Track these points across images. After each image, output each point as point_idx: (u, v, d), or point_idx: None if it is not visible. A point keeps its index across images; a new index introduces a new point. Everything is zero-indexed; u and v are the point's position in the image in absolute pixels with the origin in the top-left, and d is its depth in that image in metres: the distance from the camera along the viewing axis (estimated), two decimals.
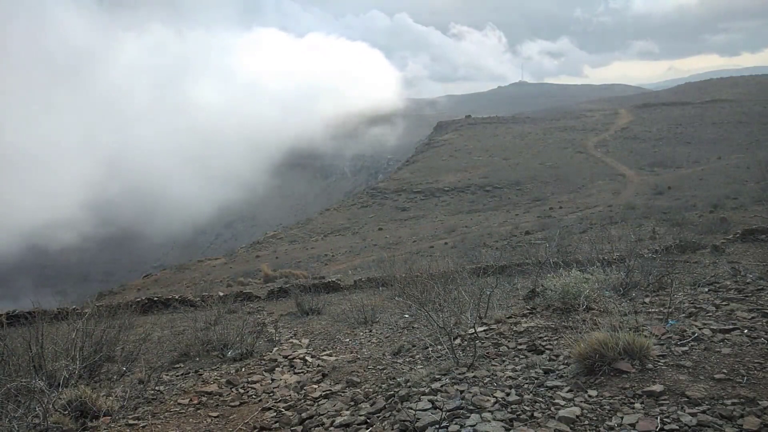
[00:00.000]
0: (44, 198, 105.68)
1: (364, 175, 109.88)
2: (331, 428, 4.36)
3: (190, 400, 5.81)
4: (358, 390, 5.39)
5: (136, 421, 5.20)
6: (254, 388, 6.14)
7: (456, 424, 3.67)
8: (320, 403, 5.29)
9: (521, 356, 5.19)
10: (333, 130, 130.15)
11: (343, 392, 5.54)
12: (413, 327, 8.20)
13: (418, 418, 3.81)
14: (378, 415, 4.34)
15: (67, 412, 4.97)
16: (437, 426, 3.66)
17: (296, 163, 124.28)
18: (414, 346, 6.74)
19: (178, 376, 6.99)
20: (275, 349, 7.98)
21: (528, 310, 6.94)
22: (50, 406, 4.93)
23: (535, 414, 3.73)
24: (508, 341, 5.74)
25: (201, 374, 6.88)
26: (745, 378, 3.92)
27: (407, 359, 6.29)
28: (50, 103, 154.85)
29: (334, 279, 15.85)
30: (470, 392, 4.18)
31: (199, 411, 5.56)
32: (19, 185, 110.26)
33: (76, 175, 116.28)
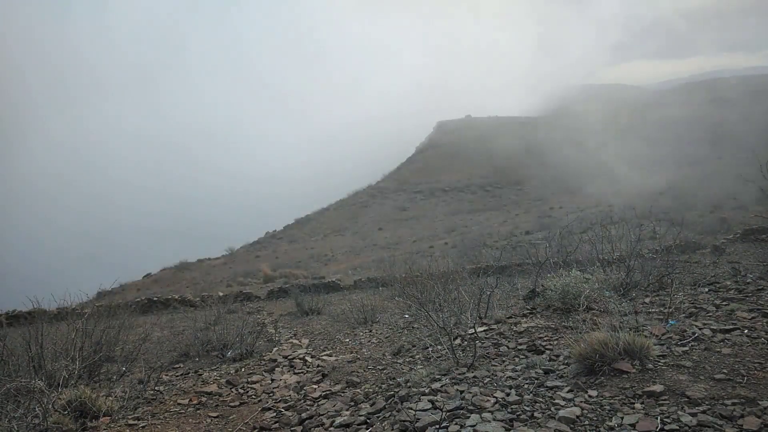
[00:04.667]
0: None
1: None
2: (331, 428, 4.36)
3: (190, 400, 5.81)
4: (358, 390, 5.39)
5: (135, 422, 5.20)
6: (254, 389, 6.13)
7: (456, 424, 3.66)
8: (320, 403, 5.29)
9: (521, 356, 5.18)
10: None
11: (343, 392, 5.53)
12: (413, 327, 8.19)
13: (418, 419, 3.81)
14: (378, 415, 4.33)
15: (66, 412, 4.96)
16: (437, 426, 3.66)
17: None
18: (414, 346, 6.74)
19: (177, 376, 6.98)
20: (275, 349, 7.98)
21: (528, 310, 6.94)
22: (50, 406, 4.93)
23: (535, 414, 3.72)
24: (508, 341, 5.73)
25: (201, 374, 6.88)
26: (746, 378, 3.91)
27: (407, 359, 6.29)
28: None
29: (334, 279, 15.86)
30: (470, 392, 4.18)
31: (198, 411, 5.56)
32: None
33: None
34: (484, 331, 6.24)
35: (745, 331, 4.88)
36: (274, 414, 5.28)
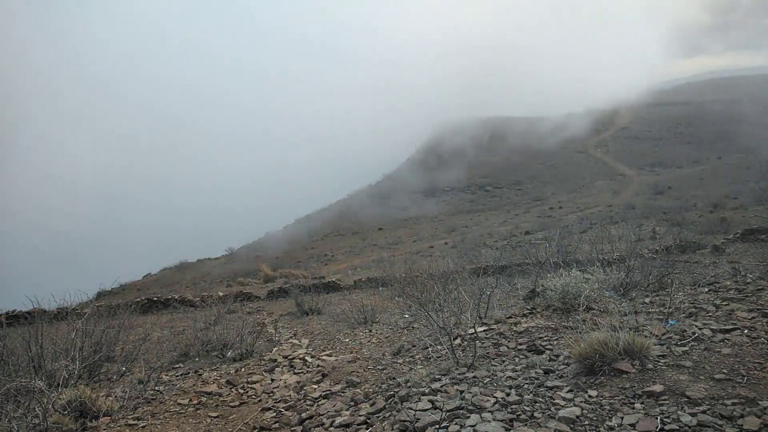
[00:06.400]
0: None
1: None
2: (331, 428, 4.36)
3: (190, 400, 5.81)
4: (358, 390, 5.39)
5: (135, 421, 5.19)
6: (254, 389, 6.13)
7: (456, 424, 3.66)
8: (320, 403, 5.29)
9: (521, 356, 5.18)
10: None
11: (343, 392, 5.53)
12: (413, 327, 8.19)
13: (418, 419, 3.81)
14: (378, 415, 4.33)
15: (66, 412, 4.97)
16: (437, 426, 3.66)
17: None
18: (414, 346, 6.74)
19: (177, 376, 6.98)
20: (275, 349, 7.98)
21: (528, 310, 6.93)
22: (50, 406, 4.93)
23: (535, 414, 3.72)
24: (508, 341, 5.73)
25: (201, 374, 6.87)
26: (745, 378, 3.91)
27: (407, 359, 6.29)
28: None
29: (334, 279, 15.86)
30: (470, 392, 4.18)
31: (198, 411, 5.55)
32: None
33: None
34: (484, 331, 6.24)
35: (745, 331, 4.88)
36: (274, 414, 5.28)
